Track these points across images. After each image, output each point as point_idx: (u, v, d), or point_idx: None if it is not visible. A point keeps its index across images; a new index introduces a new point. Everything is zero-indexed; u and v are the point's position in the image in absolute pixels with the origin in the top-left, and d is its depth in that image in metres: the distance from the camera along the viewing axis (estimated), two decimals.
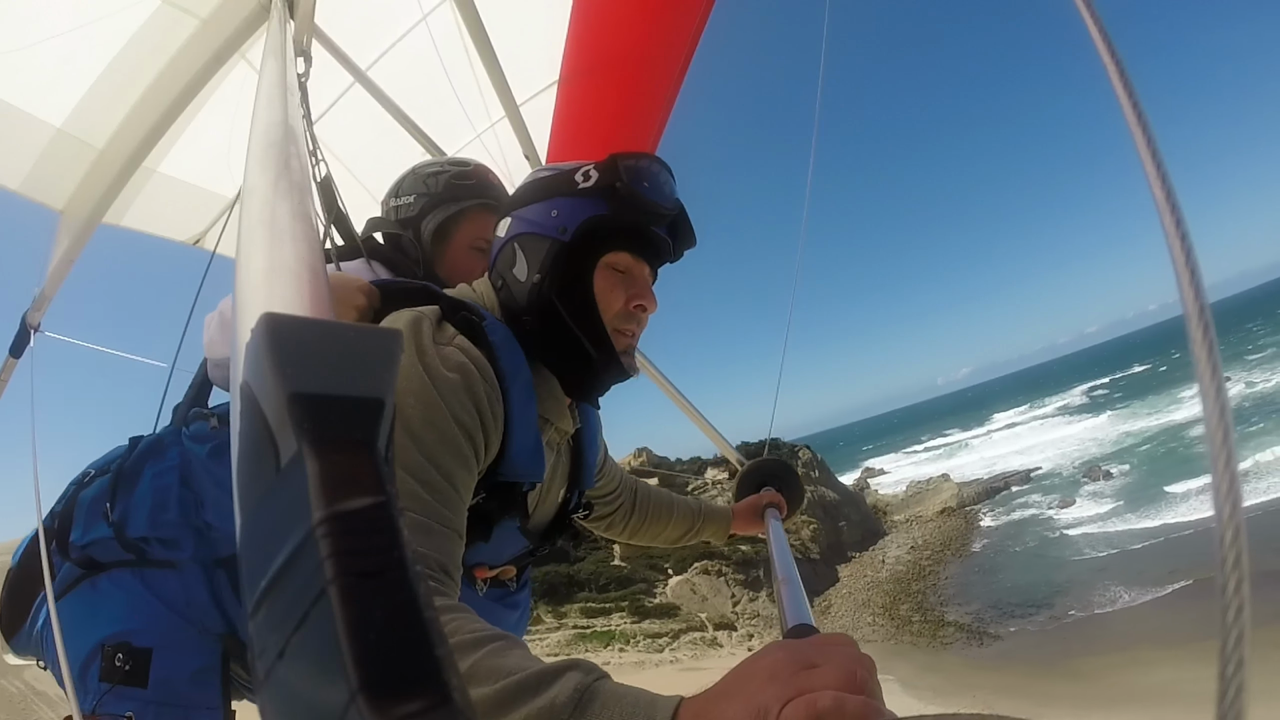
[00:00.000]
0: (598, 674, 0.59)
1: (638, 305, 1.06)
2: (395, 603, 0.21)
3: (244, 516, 0.25)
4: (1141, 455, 27.79)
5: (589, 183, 1.01)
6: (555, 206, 1.02)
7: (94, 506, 1.28)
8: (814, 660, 0.54)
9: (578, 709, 0.55)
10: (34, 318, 2.13)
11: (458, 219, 1.55)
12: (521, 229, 1.04)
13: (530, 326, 1.03)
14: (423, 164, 1.64)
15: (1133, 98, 0.44)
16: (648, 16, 2.38)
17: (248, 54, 1.91)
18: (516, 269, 1.04)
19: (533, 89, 2.56)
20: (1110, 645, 12.89)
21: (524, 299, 1.03)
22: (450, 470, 0.82)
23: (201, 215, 2.63)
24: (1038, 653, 13.92)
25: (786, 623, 0.91)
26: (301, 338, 0.26)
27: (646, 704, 0.55)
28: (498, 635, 0.66)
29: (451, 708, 0.20)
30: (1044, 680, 12.46)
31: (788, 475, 1.80)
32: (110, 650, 1.16)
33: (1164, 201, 0.40)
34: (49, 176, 1.97)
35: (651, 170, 1.02)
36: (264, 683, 0.21)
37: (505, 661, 0.61)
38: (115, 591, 1.23)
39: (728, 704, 0.53)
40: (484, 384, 0.90)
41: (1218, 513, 0.34)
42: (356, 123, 2.32)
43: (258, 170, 0.55)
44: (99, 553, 1.25)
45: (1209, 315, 0.38)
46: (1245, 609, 0.32)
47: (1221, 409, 0.35)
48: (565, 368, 1.07)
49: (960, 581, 19.61)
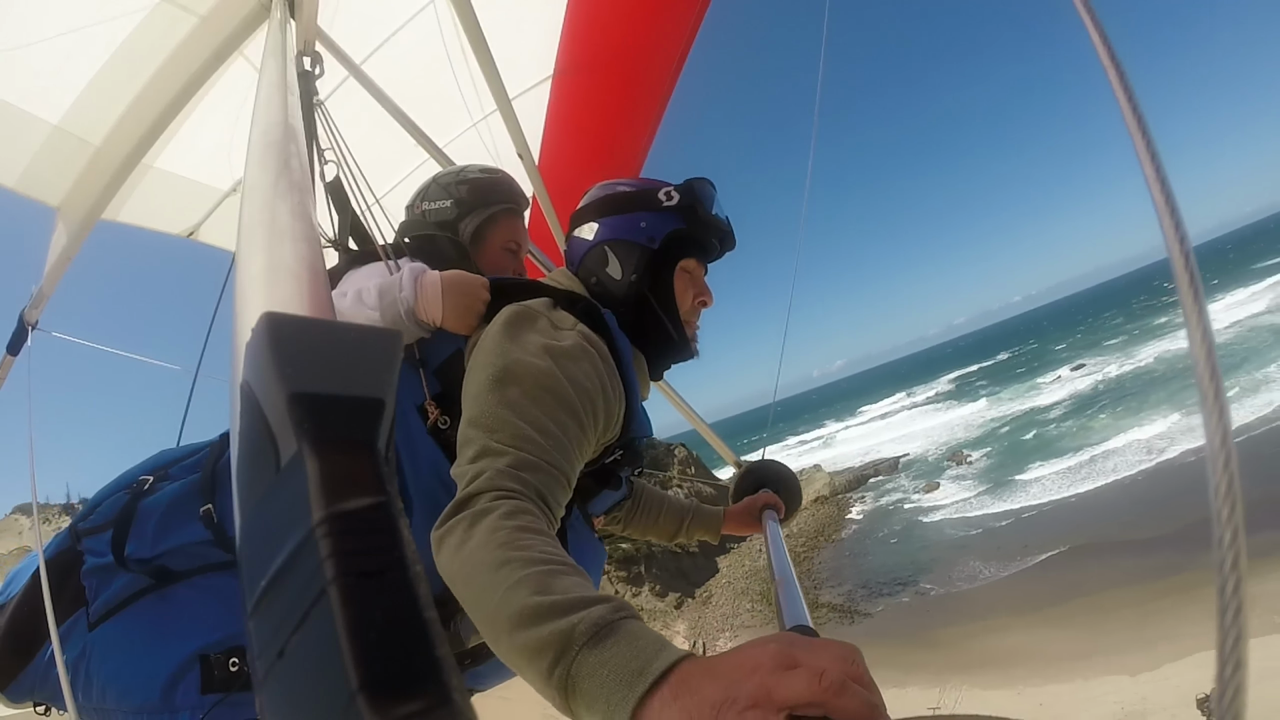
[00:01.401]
0: (626, 613, 0.62)
1: (701, 301, 1.31)
2: (395, 603, 0.21)
3: (244, 516, 0.25)
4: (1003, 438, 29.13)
5: (672, 203, 1.24)
6: (643, 219, 1.24)
7: (180, 510, 1.17)
8: (796, 663, 0.53)
9: (592, 639, 0.59)
10: (32, 315, 2.13)
11: (490, 223, 1.63)
12: (611, 234, 1.25)
13: (625, 316, 1.22)
14: (445, 172, 1.70)
15: (1119, 69, 0.44)
16: (643, 12, 2.38)
17: (246, 52, 1.91)
18: (610, 269, 1.24)
19: (527, 83, 2.56)
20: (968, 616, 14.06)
21: (620, 294, 1.24)
22: (565, 424, 0.94)
23: (197, 208, 2.62)
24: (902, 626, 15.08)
25: (784, 623, 0.91)
26: (301, 338, 0.26)
27: (651, 651, 0.57)
28: (564, 560, 0.71)
29: (451, 708, 0.20)
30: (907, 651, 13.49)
31: (786, 477, 1.80)
32: (220, 657, 1.09)
33: (1144, 149, 0.40)
34: (45, 173, 1.97)
35: (714, 194, 1.28)
36: (264, 683, 0.21)
37: (557, 581, 0.66)
38: (204, 598, 1.14)
39: (711, 683, 0.53)
40: (603, 361, 1.05)
41: (1216, 513, 0.35)
42: (350, 117, 2.31)
43: (258, 170, 0.54)
44: (176, 561, 1.15)
45: (1208, 323, 0.38)
46: (1243, 610, 0.32)
47: (1224, 432, 0.35)
48: (653, 349, 1.29)
49: (832, 566, 20.92)
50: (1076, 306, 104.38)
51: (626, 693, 0.54)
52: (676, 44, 2.37)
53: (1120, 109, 0.45)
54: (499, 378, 0.94)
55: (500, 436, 0.88)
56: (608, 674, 0.56)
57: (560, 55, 2.49)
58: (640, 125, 2.65)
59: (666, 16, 2.33)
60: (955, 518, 21.44)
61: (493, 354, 0.98)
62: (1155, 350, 31.67)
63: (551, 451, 0.90)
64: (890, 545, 21.04)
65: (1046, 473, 22.34)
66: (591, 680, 0.57)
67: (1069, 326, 67.39)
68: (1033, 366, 45.28)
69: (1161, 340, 32.00)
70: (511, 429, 0.88)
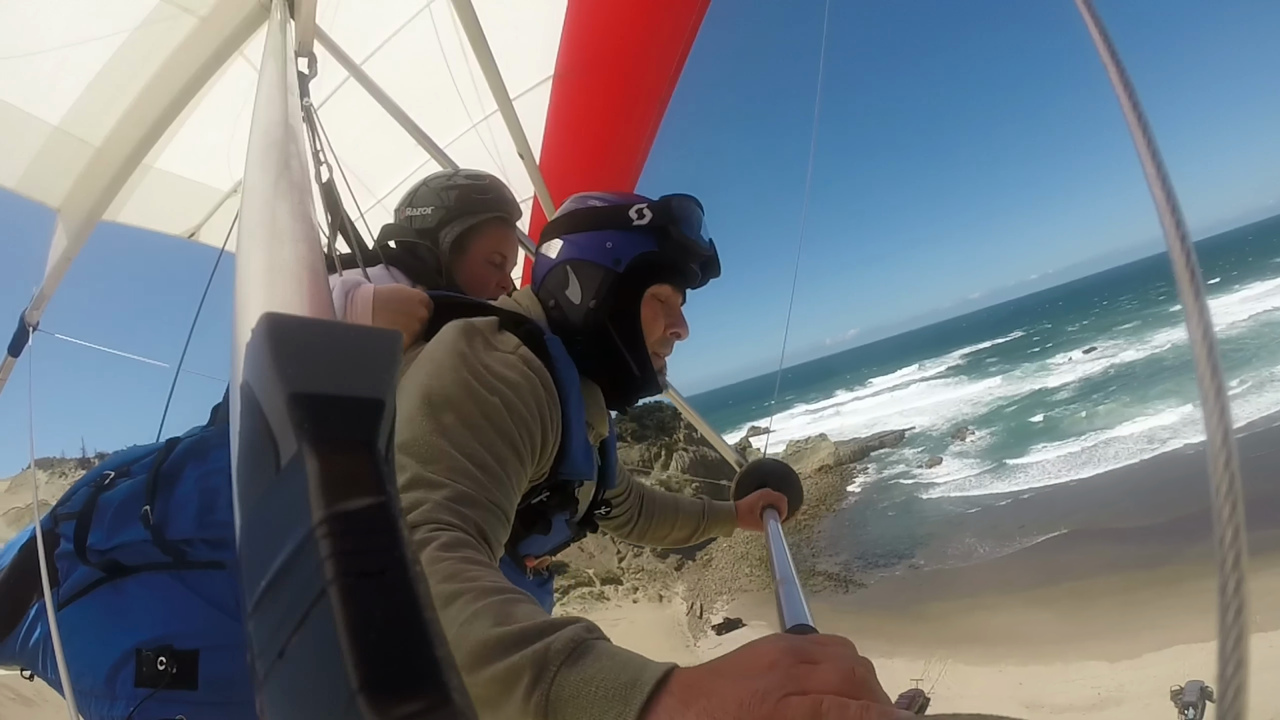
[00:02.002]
0: (598, 633, 0.61)
1: (674, 333, 1.19)
2: (395, 603, 0.21)
3: (244, 516, 0.25)
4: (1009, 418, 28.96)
5: (643, 221, 1.12)
6: (610, 239, 1.12)
7: (125, 508, 1.23)
8: (814, 657, 0.54)
9: (570, 658, 0.57)
10: (33, 316, 2.13)
11: (474, 232, 1.57)
12: (575, 254, 1.13)
13: (582, 344, 1.12)
14: (436, 176, 1.65)
15: (1116, 57, 0.44)
16: (643, 13, 2.38)
17: (246, 52, 1.91)
18: (570, 291, 1.13)
19: (527, 84, 2.56)
20: (959, 592, 14.26)
21: (578, 320, 1.13)
22: (504, 458, 0.88)
23: (198, 209, 2.62)
24: (895, 599, 15.28)
25: (785, 622, 0.91)
26: (301, 338, 0.26)
27: (636, 665, 0.55)
28: (517, 590, 0.68)
29: (451, 708, 0.20)
30: (897, 623, 13.77)
31: (787, 476, 1.82)
32: (150, 654, 1.13)
33: (1143, 143, 0.40)
34: (46, 174, 1.97)
35: (694, 213, 1.15)
36: (264, 683, 0.21)
37: (516, 610, 0.63)
38: (147, 595, 1.19)
39: (724, 683, 0.52)
40: (544, 390, 0.98)
41: (1216, 513, 0.34)
42: (349, 117, 2.32)
43: (258, 170, 0.54)
44: (127, 556, 1.21)
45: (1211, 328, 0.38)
46: (1244, 610, 0.32)
47: (1225, 430, 0.35)
48: (610, 381, 1.18)
49: (831, 535, 21.04)
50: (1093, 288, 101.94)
51: (622, 708, 0.52)
52: (676, 44, 2.37)
53: (1120, 103, 0.45)
54: (434, 401, 0.87)
55: (435, 469, 0.80)
56: (595, 690, 0.54)
57: (561, 56, 2.49)
58: (641, 125, 2.65)
59: (666, 16, 2.33)
60: (955, 495, 21.44)
61: (428, 375, 0.91)
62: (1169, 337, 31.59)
63: (490, 488, 0.84)
64: (889, 518, 21.12)
65: (1050, 456, 22.10)
66: (577, 700, 0.54)
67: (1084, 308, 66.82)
68: (1045, 347, 44.83)
69: (1175, 328, 32.11)
70: (448, 461, 0.82)
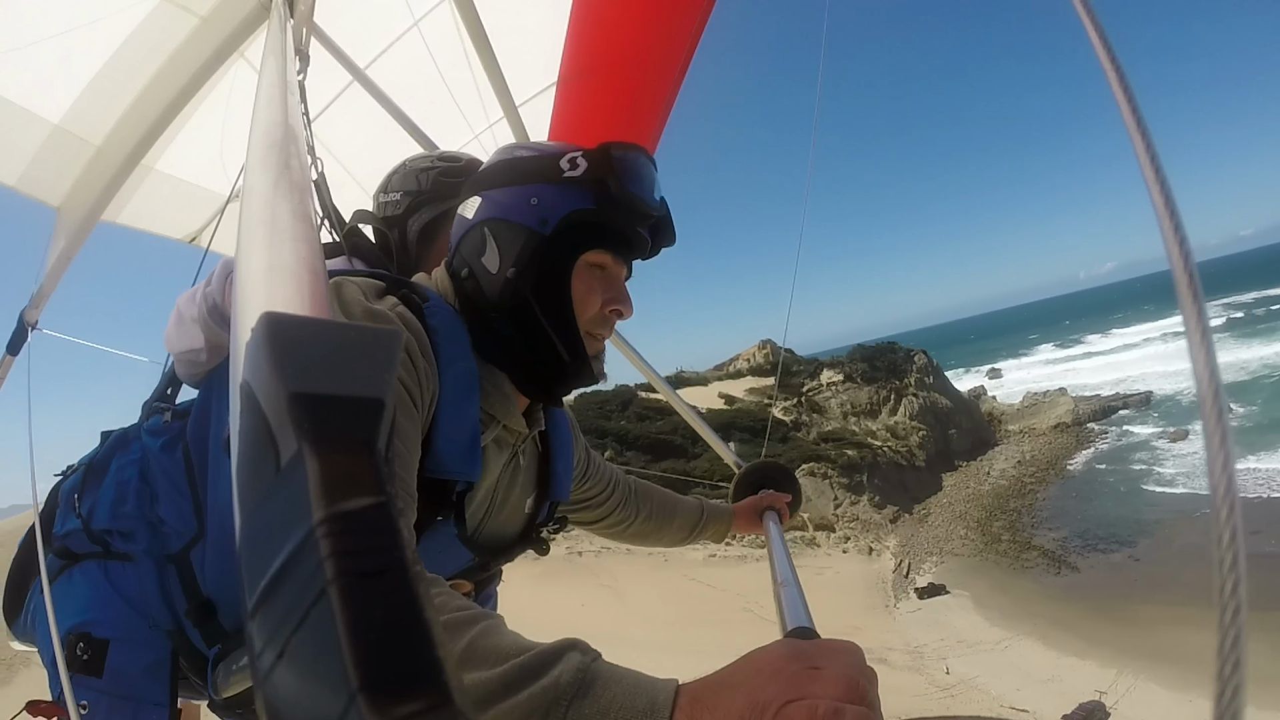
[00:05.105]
0: (594, 654, 0.59)
1: (614, 310, 0.99)
2: (395, 603, 0.21)
3: (244, 516, 0.26)
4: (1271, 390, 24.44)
5: (576, 172, 0.91)
6: (536, 194, 0.92)
7: (67, 499, 1.31)
8: (818, 663, 0.54)
9: (580, 690, 0.55)
10: (32, 315, 2.13)
11: (445, 219, 1.42)
12: (494, 213, 0.94)
13: (496, 322, 0.95)
14: (414, 158, 1.53)
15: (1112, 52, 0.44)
16: (647, 17, 2.38)
17: (247, 53, 1.91)
18: (486, 258, 0.94)
19: (532, 90, 2.56)
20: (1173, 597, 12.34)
21: (493, 293, 0.94)
22: (407, 432, 0.76)
23: (198, 213, 2.63)
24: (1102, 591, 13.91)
25: (786, 625, 0.90)
26: (301, 338, 0.26)
27: (647, 686, 0.55)
28: (483, 612, 0.63)
29: (451, 708, 0.20)
30: (1098, 622, 12.44)
31: (786, 478, 1.80)
32: (73, 640, 1.18)
33: (1150, 171, 0.40)
34: (46, 173, 1.97)
35: (642, 165, 0.94)
36: (264, 683, 0.21)
37: (501, 641, 0.59)
38: (83, 583, 1.25)
39: (727, 694, 0.53)
40: (419, 350, 0.83)
41: (1214, 513, 0.35)
42: (354, 122, 2.32)
43: (258, 170, 0.55)
44: (74, 544, 1.27)
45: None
46: (1243, 611, 0.32)
47: (1222, 433, 0.35)
48: (530, 368, 0.98)
49: (1055, 505, 19.08)
50: None
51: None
52: (681, 48, 2.37)
53: (1121, 113, 0.45)
54: None
55: None
56: None
57: (564, 61, 2.49)
58: (645, 130, 2.64)
59: (670, 21, 2.33)
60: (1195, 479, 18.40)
61: None
62: None
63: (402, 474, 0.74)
64: (1119, 494, 18.94)
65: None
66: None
67: None
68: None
69: None
70: None
